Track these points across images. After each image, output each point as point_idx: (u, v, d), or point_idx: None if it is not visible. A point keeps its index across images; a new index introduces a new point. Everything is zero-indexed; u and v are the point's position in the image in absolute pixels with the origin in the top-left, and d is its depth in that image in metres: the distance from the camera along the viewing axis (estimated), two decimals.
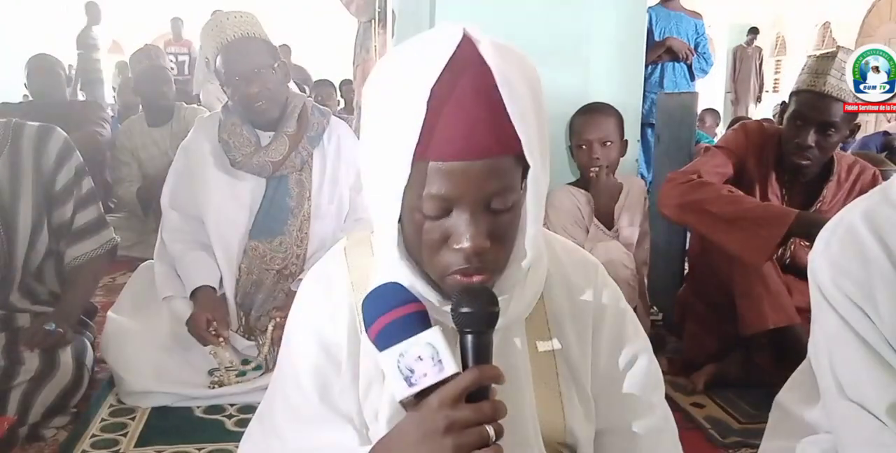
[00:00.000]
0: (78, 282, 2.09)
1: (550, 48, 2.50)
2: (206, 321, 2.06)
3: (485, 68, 0.75)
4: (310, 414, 0.91)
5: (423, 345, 0.75)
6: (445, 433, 0.72)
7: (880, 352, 1.05)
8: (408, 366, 0.74)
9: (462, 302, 0.77)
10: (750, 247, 1.97)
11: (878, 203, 1.08)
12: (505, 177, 0.77)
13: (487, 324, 0.77)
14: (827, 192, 2.20)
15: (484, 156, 0.75)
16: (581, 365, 0.95)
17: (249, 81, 2.11)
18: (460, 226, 0.78)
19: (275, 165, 2.19)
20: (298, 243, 2.21)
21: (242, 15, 2.17)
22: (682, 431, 1.04)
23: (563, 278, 0.95)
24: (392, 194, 0.78)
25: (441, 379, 0.74)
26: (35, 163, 1.98)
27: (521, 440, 0.89)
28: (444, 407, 0.73)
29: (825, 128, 2.05)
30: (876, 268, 1.04)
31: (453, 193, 0.76)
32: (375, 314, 0.79)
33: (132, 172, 3.83)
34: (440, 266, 0.80)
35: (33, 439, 1.84)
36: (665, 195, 2.16)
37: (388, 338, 0.76)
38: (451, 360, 0.74)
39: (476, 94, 0.75)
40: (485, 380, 0.75)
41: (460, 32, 0.77)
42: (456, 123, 0.75)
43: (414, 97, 0.75)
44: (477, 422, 0.73)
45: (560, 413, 0.92)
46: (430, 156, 0.75)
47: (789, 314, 2.06)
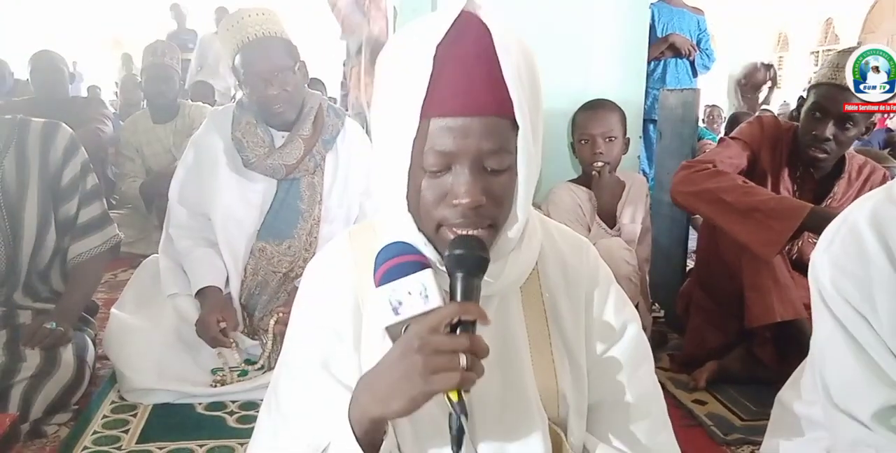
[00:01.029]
0: (80, 279, 2.09)
1: (553, 45, 2.50)
2: (217, 323, 2.06)
3: (485, 32, 0.82)
4: (313, 388, 0.93)
5: (414, 283, 0.81)
6: (417, 352, 0.76)
7: (873, 355, 1.05)
8: (397, 299, 0.80)
9: (455, 247, 0.83)
10: (762, 239, 1.97)
11: (884, 203, 1.08)
12: (501, 137, 0.82)
13: (477, 267, 0.82)
14: (838, 190, 2.20)
15: (482, 113, 0.81)
16: (574, 337, 0.98)
17: (269, 83, 2.07)
18: (458, 183, 0.82)
19: (288, 168, 2.16)
20: (307, 247, 2.19)
21: (264, 12, 2.12)
22: (683, 428, 1.05)
23: (557, 254, 1.00)
24: (401, 148, 0.82)
25: (425, 311, 0.79)
26: (42, 159, 1.98)
27: (523, 402, 0.92)
28: (423, 330, 0.77)
29: (844, 121, 2.05)
30: (876, 269, 1.04)
31: (453, 148, 0.81)
32: (382, 260, 0.84)
33: (135, 168, 3.83)
34: (437, 221, 0.85)
35: (35, 436, 1.84)
36: (678, 183, 2.16)
37: (388, 277, 0.82)
38: (437, 296, 0.80)
39: (476, 56, 0.81)
40: (466, 314, 0.78)
41: (463, 2, 0.84)
42: (457, 81, 0.80)
43: (420, 55, 0.80)
44: (451, 349, 0.76)
45: (553, 379, 0.96)
46: (433, 112, 0.81)
47: (797, 308, 2.05)
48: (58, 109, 3.67)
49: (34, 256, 2.01)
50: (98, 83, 8.56)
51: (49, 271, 2.09)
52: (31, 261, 2.01)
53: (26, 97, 4.00)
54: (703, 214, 2.25)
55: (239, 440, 1.83)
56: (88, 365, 2.03)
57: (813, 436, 1.25)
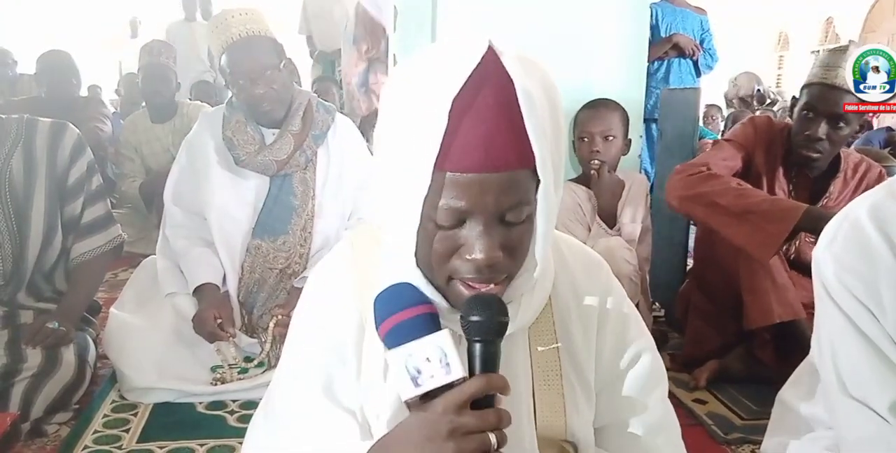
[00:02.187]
0: (83, 278, 2.10)
1: (553, 44, 2.49)
2: (214, 318, 2.06)
3: (507, 81, 0.75)
4: (312, 406, 0.91)
5: (432, 347, 0.75)
6: (448, 437, 0.73)
7: (882, 349, 1.05)
8: (415, 367, 0.75)
9: (472, 310, 0.77)
10: (757, 241, 1.96)
11: (884, 199, 1.08)
12: (520, 190, 0.78)
13: (497, 333, 0.78)
14: (833, 189, 2.19)
15: (501, 169, 0.76)
16: (586, 363, 0.96)
17: (255, 82, 2.08)
18: (473, 238, 0.78)
19: (279, 164, 2.17)
20: (302, 242, 2.20)
21: (248, 12, 2.13)
22: (684, 427, 1.04)
23: (570, 279, 0.96)
24: (411, 204, 0.78)
25: (447, 382, 0.75)
26: (49, 159, 1.99)
27: (517, 444, 0.89)
28: (449, 411, 0.73)
29: (836, 121, 2.05)
30: (881, 264, 1.04)
31: (468, 205, 0.77)
32: (387, 312, 0.79)
33: (135, 168, 3.83)
34: (449, 273, 0.81)
35: (35, 435, 1.84)
36: (673, 187, 2.15)
37: (398, 337, 0.77)
38: (458, 364, 0.75)
39: (497, 108, 0.75)
40: (491, 389, 0.75)
41: (485, 44, 0.77)
42: (475, 135, 0.75)
43: (436, 108, 0.74)
44: (480, 430, 0.73)
45: (562, 414, 0.93)
46: (448, 167, 0.76)
47: (795, 308, 2.05)
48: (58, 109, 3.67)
49: (41, 256, 2.01)
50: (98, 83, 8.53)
51: (53, 271, 2.09)
52: (37, 260, 2.01)
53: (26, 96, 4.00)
54: (698, 218, 2.25)
55: (239, 439, 1.81)
56: (89, 364, 2.03)
57: (814, 436, 1.25)
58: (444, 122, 0.74)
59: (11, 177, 1.95)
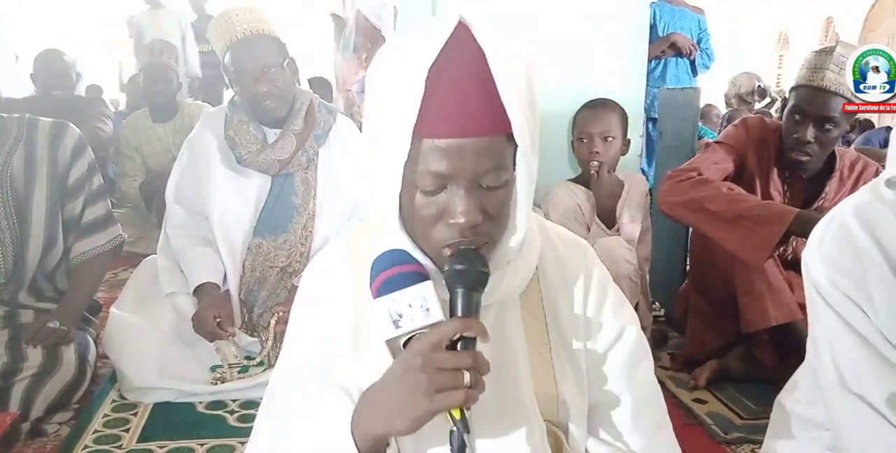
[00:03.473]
0: (83, 278, 2.10)
1: (554, 44, 2.50)
2: (213, 317, 2.06)
3: (479, 51, 0.79)
4: (311, 394, 0.93)
5: (414, 295, 0.80)
6: (420, 371, 0.76)
7: (876, 345, 1.06)
8: (398, 311, 0.80)
9: (454, 261, 0.82)
10: (749, 246, 1.96)
11: (869, 199, 1.09)
12: (497, 155, 0.81)
13: (478, 282, 0.82)
14: (830, 189, 2.19)
15: (477, 133, 0.79)
16: (572, 335, 0.98)
17: (258, 80, 2.09)
18: (454, 202, 0.81)
19: (281, 163, 2.18)
20: (303, 241, 2.21)
21: (251, 11, 2.14)
22: (683, 427, 1.05)
23: (556, 256, 0.99)
24: (392, 170, 0.81)
25: (426, 325, 0.79)
26: (50, 158, 1.99)
27: (519, 409, 0.92)
28: (425, 347, 0.77)
29: (824, 123, 2.04)
30: (869, 263, 1.05)
31: (448, 169, 0.80)
32: (379, 269, 0.84)
33: (136, 167, 3.84)
34: (435, 240, 0.84)
35: (36, 434, 1.85)
36: (664, 193, 2.15)
37: (387, 289, 0.81)
38: (438, 309, 0.79)
39: (471, 75, 0.79)
40: (466, 330, 0.78)
41: (456, 18, 0.81)
42: (451, 102, 0.78)
43: (412, 77, 0.78)
44: (454, 367, 0.76)
45: (553, 384, 0.96)
46: (426, 133, 0.79)
47: (791, 310, 2.05)
48: (58, 109, 3.67)
49: (43, 256, 2.01)
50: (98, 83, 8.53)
51: (55, 270, 2.09)
52: (40, 260, 2.00)
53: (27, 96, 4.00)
54: (690, 224, 2.25)
55: (239, 439, 1.83)
56: (90, 364, 2.03)
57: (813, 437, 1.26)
58: (420, 90, 0.78)
59: (12, 176, 1.95)
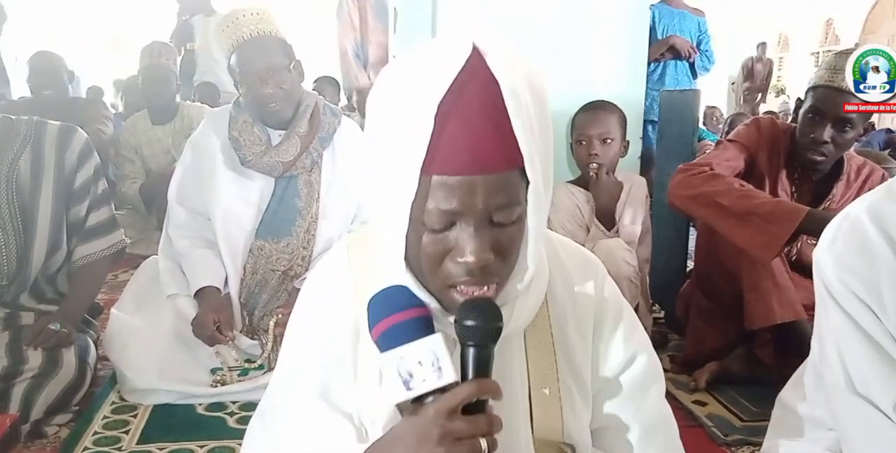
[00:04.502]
0: (84, 281, 2.10)
1: (553, 46, 2.50)
2: (213, 322, 2.06)
3: (491, 81, 0.75)
4: (308, 410, 0.92)
5: (424, 351, 0.75)
6: (439, 442, 0.72)
7: (885, 348, 1.05)
8: (407, 370, 0.74)
9: (467, 314, 0.77)
10: (759, 243, 1.96)
11: (883, 199, 1.08)
12: (509, 191, 0.77)
13: (491, 338, 0.78)
14: (836, 191, 2.19)
15: (488, 170, 0.75)
16: (582, 364, 0.96)
17: (264, 81, 2.09)
18: (464, 240, 0.77)
19: (285, 166, 2.18)
20: (305, 245, 2.21)
21: (259, 12, 2.14)
22: (684, 429, 1.04)
23: (565, 278, 0.96)
24: (399, 208, 0.77)
25: (439, 387, 0.74)
26: (57, 161, 1.99)
27: (513, 447, 0.89)
28: (440, 416, 0.73)
29: (842, 124, 2.04)
30: (881, 264, 1.04)
31: (457, 207, 0.76)
32: (380, 315, 0.79)
33: (135, 169, 3.84)
34: (441, 277, 0.80)
35: (36, 436, 1.84)
36: (675, 186, 2.15)
37: (391, 340, 0.76)
38: (450, 368, 0.74)
39: (482, 109, 0.74)
40: (483, 394, 0.75)
41: (469, 46, 0.76)
42: (461, 138, 0.74)
43: (421, 112, 0.74)
44: (471, 435, 0.73)
45: (558, 417, 0.93)
46: (435, 169, 0.75)
47: (796, 309, 2.05)
48: (58, 110, 3.67)
49: (48, 258, 2.01)
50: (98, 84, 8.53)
51: (57, 273, 2.09)
52: (44, 263, 2.00)
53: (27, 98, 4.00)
54: (700, 218, 2.25)
55: (239, 441, 1.80)
56: (90, 365, 2.03)
57: (814, 437, 1.25)
58: (430, 126, 0.73)
59: (19, 178, 1.95)
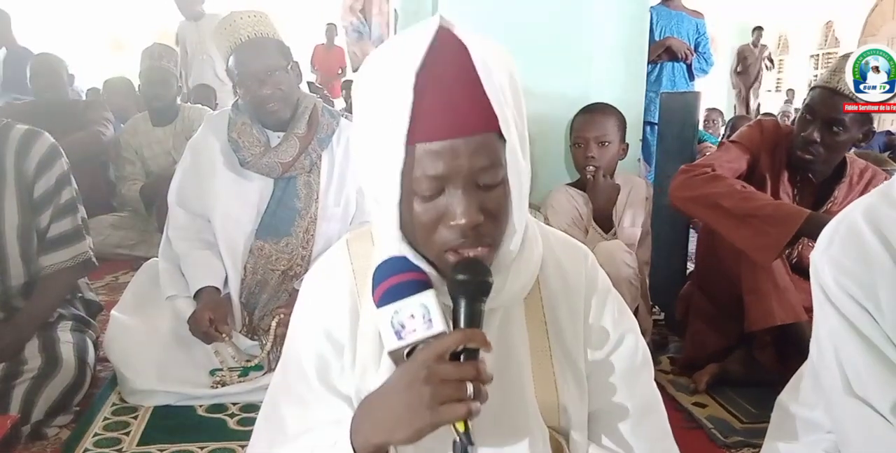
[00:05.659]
0: (44, 291, 2.01)
1: (552, 48, 2.50)
2: (209, 320, 2.07)
3: (462, 50, 0.80)
4: (308, 394, 0.94)
5: (416, 305, 0.80)
6: (425, 382, 0.76)
7: (882, 350, 1.05)
8: (400, 322, 0.80)
9: (457, 271, 0.82)
10: (759, 245, 1.97)
11: (879, 202, 1.09)
12: (491, 152, 0.81)
13: (480, 292, 0.82)
14: (838, 194, 2.19)
15: (468, 133, 0.80)
16: (574, 344, 0.98)
17: (262, 83, 2.11)
18: (453, 204, 0.81)
19: (284, 166, 2.19)
20: (304, 245, 2.21)
21: (256, 15, 2.16)
22: (684, 431, 1.05)
23: (556, 262, 0.99)
24: (390, 179, 0.81)
25: (429, 336, 0.79)
26: (17, 169, 1.93)
27: (522, 415, 0.93)
28: (429, 360, 0.77)
29: (831, 125, 2.05)
30: (878, 267, 1.05)
31: (444, 171, 0.80)
32: (381, 278, 0.84)
33: (136, 171, 3.84)
34: (437, 243, 0.84)
35: (36, 437, 1.84)
36: (677, 187, 2.15)
37: (388, 298, 0.82)
38: (440, 320, 0.79)
39: (456, 76, 0.80)
40: (470, 342, 0.78)
41: (437, 21, 0.82)
42: (440, 104, 0.79)
43: (400, 84, 0.79)
44: (457, 378, 0.76)
45: (554, 391, 0.96)
46: (419, 138, 0.79)
47: (797, 311, 2.05)
48: (58, 112, 3.68)
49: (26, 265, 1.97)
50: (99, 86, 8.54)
51: None
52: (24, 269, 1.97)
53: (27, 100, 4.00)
54: (700, 219, 2.25)
55: (239, 442, 1.83)
56: (90, 366, 2.03)
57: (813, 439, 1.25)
58: (409, 97, 0.78)
59: None
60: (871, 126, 2.13)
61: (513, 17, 2.49)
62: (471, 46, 0.80)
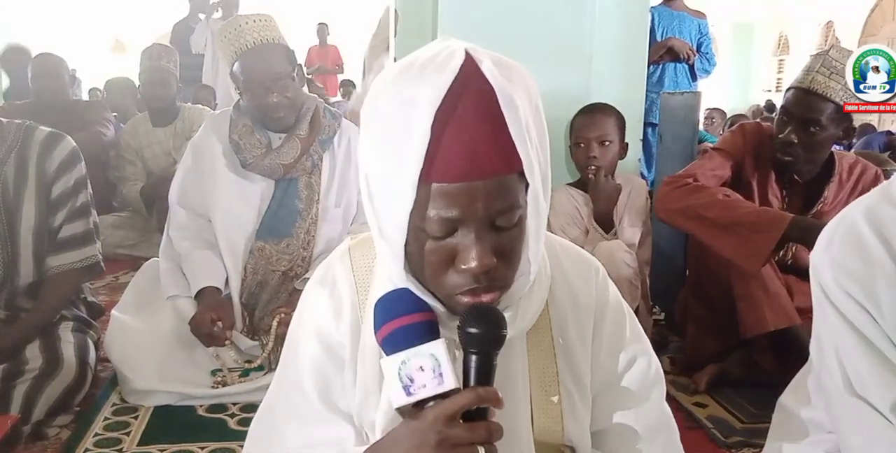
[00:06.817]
0: (51, 292, 2.02)
1: (553, 49, 2.50)
2: (211, 320, 2.07)
3: (487, 87, 0.75)
4: (309, 412, 0.92)
5: (426, 356, 0.75)
6: (436, 448, 0.73)
7: (882, 350, 1.05)
8: (408, 375, 0.75)
9: (470, 321, 0.77)
10: (745, 253, 1.96)
11: (879, 201, 1.08)
12: (509, 195, 0.77)
13: (494, 346, 0.78)
14: (828, 193, 2.18)
15: (487, 176, 0.75)
16: (583, 366, 0.96)
17: (269, 90, 2.10)
18: (466, 246, 0.77)
19: (286, 168, 2.19)
20: (305, 245, 2.22)
21: (262, 19, 2.14)
22: (684, 431, 1.04)
23: (565, 280, 0.96)
24: (397, 219, 0.77)
25: (439, 393, 0.75)
26: (38, 169, 1.97)
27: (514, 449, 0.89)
28: (439, 422, 0.73)
29: (807, 125, 2.04)
30: (878, 267, 1.04)
31: (458, 214, 0.75)
32: (386, 318, 0.79)
33: (136, 171, 3.84)
34: (447, 286, 0.80)
35: (36, 437, 1.84)
36: (661, 200, 2.15)
37: (395, 343, 0.77)
38: (451, 375, 0.75)
39: (478, 115, 0.74)
40: (483, 402, 0.75)
41: (462, 53, 0.76)
42: (459, 144, 0.74)
43: (417, 121, 0.74)
44: (469, 442, 0.74)
45: (559, 419, 0.93)
46: (434, 178, 0.75)
47: (790, 315, 2.05)
48: (59, 113, 3.67)
49: (37, 264, 1.99)
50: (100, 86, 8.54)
51: None
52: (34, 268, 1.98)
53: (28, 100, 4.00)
54: (686, 231, 2.24)
55: (240, 442, 1.81)
56: (90, 366, 2.03)
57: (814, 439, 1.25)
58: (427, 135, 0.73)
59: (4, 184, 1.93)
60: (851, 123, 2.12)
61: (513, 18, 2.49)
62: (495, 83, 0.74)
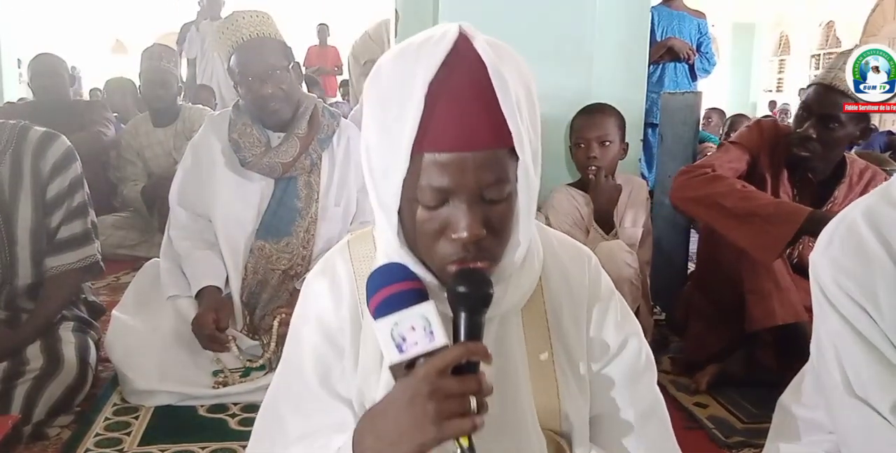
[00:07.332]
0: (51, 293, 2.01)
1: (553, 49, 2.50)
2: (212, 321, 2.07)
3: (480, 64, 0.78)
4: (309, 398, 0.94)
5: (416, 316, 0.79)
6: (429, 398, 0.75)
7: (882, 351, 1.06)
8: (400, 334, 0.78)
9: (458, 282, 0.81)
10: (760, 244, 1.97)
11: (879, 202, 1.09)
12: (499, 168, 0.80)
13: (481, 304, 0.81)
14: (839, 194, 2.19)
15: (478, 147, 0.78)
16: (576, 349, 0.98)
17: (263, 82, 2.11)
18: (457, 216, 0.80)
19: (285, 167, 2.20)
20: (304, 244, 2.22)
21: (258, 14, 2.17)
22: (685, 431, 1.05)
23: (560, 266, 0.98)
24: (391, 186, 0.81)
25: (430, 349, 0.78)
26: (33, 170, 1.96)
27: (520, 424, 0.92)
28: (431, 375, 0.76)
29: (827, 121, 2.05)
30: (877, 267, 1.05)
31: (449, 184, 0.79)
32: (377, 286, 0.82)
33: (137, 171, 3.84)
34: (438, 256, 0.83)
35: (37, 438, 1.84)
36: (677, 188, 2.16)
37: (387, 308, 0.80)
38: (441, 332, 0.78)
39: (471, 89, 0.78)
40: (472, 356, 0.77)
41: (456, 30, 0.80)
42: (451, 116, 0.78)
43: (412, 92, 0.77)
44: (460, 393, 0.76)
45: (555, 397, 0.95)
46: (427, 147, 0.78)
47: (798, 311, 2.05)
48: (59, 113, 3.68)
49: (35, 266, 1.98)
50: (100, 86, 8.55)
51: None
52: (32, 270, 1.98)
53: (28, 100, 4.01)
54: (702, 219, 2.26)
55: (241, 442, 1.83)
56: (91, 366, 2.03)
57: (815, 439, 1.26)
58: (420, 106, 0.77)
59: (1, 184, 1.93)
60: (869, 123, 2.13)
61: (513, 17, 2.49)
62: (488, 60, 0.78)
